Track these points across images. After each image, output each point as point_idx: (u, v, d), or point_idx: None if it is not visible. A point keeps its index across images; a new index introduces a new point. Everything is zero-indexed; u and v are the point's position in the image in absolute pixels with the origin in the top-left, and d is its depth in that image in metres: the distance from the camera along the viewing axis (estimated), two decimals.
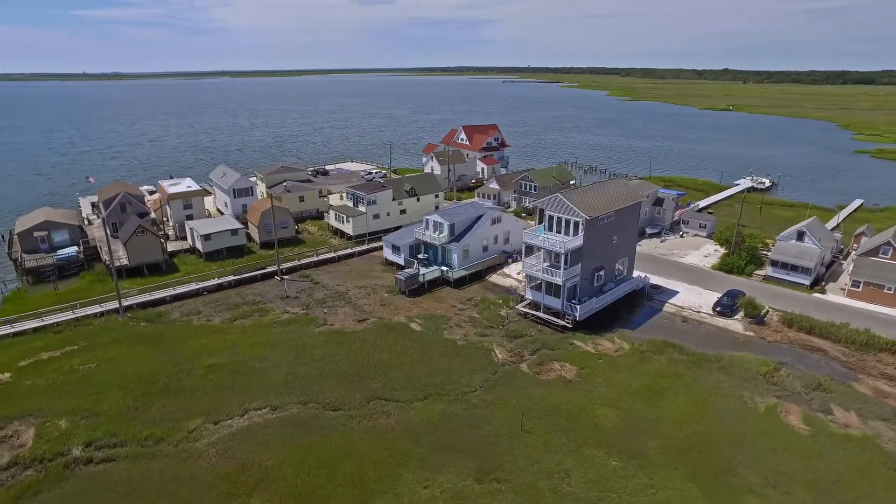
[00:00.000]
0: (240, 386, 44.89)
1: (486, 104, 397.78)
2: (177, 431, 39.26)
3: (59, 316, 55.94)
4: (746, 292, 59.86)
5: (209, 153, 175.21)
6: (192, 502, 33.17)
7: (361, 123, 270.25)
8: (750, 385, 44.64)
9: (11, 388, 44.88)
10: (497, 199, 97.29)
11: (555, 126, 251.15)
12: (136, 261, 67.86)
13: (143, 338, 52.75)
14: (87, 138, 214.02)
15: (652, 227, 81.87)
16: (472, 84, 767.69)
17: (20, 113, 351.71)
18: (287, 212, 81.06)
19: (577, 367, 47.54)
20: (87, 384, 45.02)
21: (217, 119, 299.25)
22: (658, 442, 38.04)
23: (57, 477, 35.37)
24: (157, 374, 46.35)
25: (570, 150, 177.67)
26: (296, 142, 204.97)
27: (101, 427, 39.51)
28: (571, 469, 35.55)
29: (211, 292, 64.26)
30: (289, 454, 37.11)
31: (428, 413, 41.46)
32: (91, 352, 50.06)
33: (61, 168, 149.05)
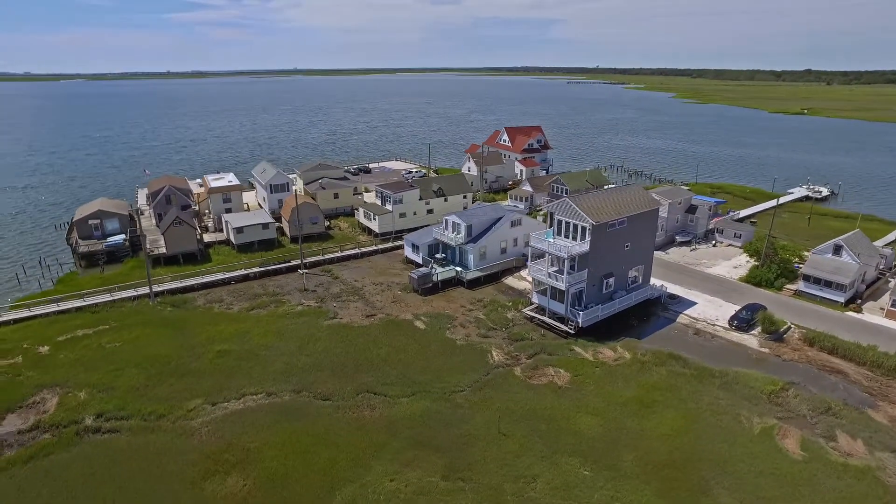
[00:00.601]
0: (243, 371, 47.52)
1: (545, 105, 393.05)
2: (177, 409, 42.20)
3: (98, 298, 61.01)
4: (769, 307, 56.94)
5: (265, 149, 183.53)
6: (177, 475, 35.70)
7: (416, 123, 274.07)
8: (750, 404, 42.64)
9: (47, 359, 49.58)
10: (530, 201, 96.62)
11: (610, 129, 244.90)
12: (173, 250, 72.70)
13: (166, 321, 56.69)
14: (159, 134, 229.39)
15: (683, 234, 78.88)
16: (535, 85, 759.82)
17: (107, 110, 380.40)
18: (317, 208, 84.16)
19: (571, 373, 47.00)
20: (110, 361, 49.04)
21: (279, 116, 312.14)
22: (636, 455, 37.18)
23: (68, 442, 39.00)
24: (171, 356, 49.81)
25: (620, 153, 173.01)
26: (348, 140, 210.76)
27: (113, 400, 43.08)
28: (539, 475, 35.44)
29: (237, 282, 67.97)
30: (272, 438, 39.09)
31: (411, 409, 42.39)
32: (119, 332, 54.41)
33: (132, 161, 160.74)
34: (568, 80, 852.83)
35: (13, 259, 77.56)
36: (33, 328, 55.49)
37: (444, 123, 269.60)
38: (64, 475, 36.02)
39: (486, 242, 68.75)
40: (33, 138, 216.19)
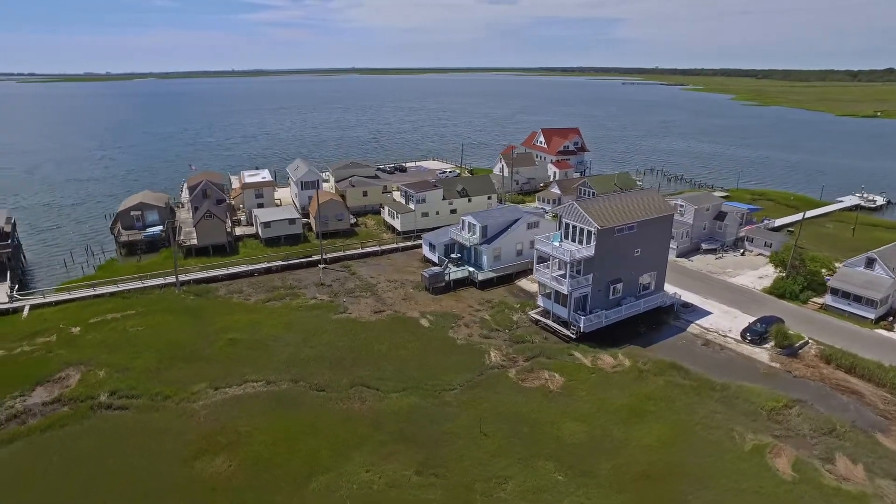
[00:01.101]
0: (249, 360, 49.83)
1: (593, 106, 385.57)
2: (182, 392, 44.84)
3: (130, 284, 65.29)
4: (791, 321, 54.50)
5: (310, 147, 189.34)
6: (172, 452, 38.06)
7: (461, 123, 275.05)
8: (748, 420, 41.12)
9: (77, 339, 53.67)
10: (557, 203, 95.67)
11: (659, 131, 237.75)
12: (204, 241, 76.69)
13: (187, 309, 60.04)
14: (214, 131, 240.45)
15: (710, 242, 76.18)
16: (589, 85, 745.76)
17: (171, 108, 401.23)
18: (343, 205, 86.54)
19: (565, 378, 46.68)
20: (131, 344, 52.56)
21: (329, 114, 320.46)
22: (615, 463, 36.70)
23: (82, 415, 42.23)
24: (186, 342, 52.83)
25: (663, 156, 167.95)
26: (392, 138, 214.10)
27: (127, 380, 46.23)
28: (513, 476, 35.63)
29: (259, 274, 70.97)
30: (264, 423, 40.99)
31: (399, 404, 43.35)
32: (143, 317, 58.12)
33: (184, 156, 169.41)
34: (623, 81, 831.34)
35: (65, 246, 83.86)
36: (71, 310, 60.03)
37: (489, 124, 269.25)
38: (75, 445, 39.10)
39: (501, 244, 68.86)
40: (103, 134, 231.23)
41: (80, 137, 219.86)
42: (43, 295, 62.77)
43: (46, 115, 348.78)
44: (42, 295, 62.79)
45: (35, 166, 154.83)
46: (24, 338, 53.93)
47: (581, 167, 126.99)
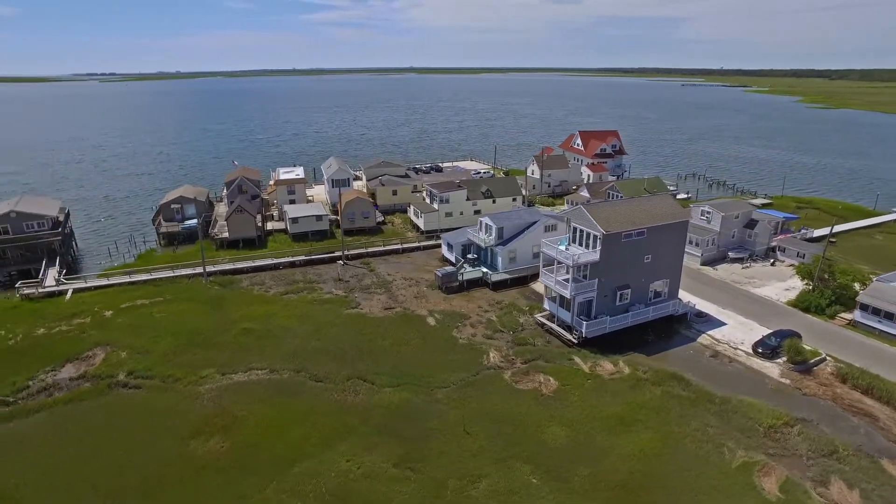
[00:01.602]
0: (258, 349, 52.25)
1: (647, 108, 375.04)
2: (191, 375, 47.61)
3: (161, 273, 69.50)
4: (813, 336, 52.06)
5: (354, 145, 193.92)
6: (172, 431, 40.63)
7: (509, 123, 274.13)
8: (742, 436, 39.70)
9: (108, 322, 57.82)
10: None
11: (712, 135, 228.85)
12: (235, 235, 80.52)
13: (209, 299, 63.39)
14: (266, 128, 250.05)
15: (738, 250, 73.20)
16: (647, 87, 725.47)
17: (231, 105, 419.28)
18: (369, 203, 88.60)
19: (560, 382, 46.41)
20: (154, 328, 56.13)
21: (378, 114, 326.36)
22: (593, 471, 36.38)
23: (100, 392, 45.69)
24: (203, 329, 55.89)
25: (710, 161, 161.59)
26: (435, 138, 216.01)
27: (144, 362, 49.55)
28: (487, 476, 35.98)
29: (283, 268, 73.85)
30: (260, 409, 43.04)
31: (391, 399, 44.44)
32: (169, 304, 61.85)
33: (235, 153, 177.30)
34: (682, 83, 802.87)
35: (113, 236, 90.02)
36: (107, 295, 64.61)
37: (538, 125, 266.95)
38: (89, 418, 42.41)
39: (517, 246, 68.80)
40: (164, 131, 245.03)
41: (143, 133, 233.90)
42: (85, 280, 67.81)
43: (119, 112, 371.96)
44: (84, 280, 67.83)
45: (101, 160, 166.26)
46: (64, 318, 58.59)
47: (618, 170, 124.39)
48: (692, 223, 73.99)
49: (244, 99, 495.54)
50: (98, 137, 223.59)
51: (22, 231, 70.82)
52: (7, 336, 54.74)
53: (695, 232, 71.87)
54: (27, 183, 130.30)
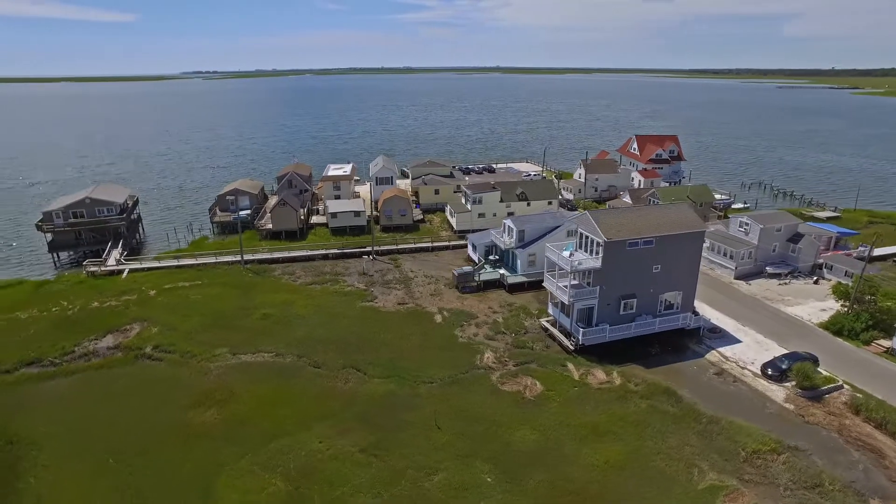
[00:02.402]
0: (271, 333, 56.12)
1: (730, 112, 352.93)
2: (206, 353, 52.12)
3: (205, 259, 75.81)
4: (834, 361, 48.47)
5: (419, 143, 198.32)
6: (176, 401, 44.87)
7: (579, 125, 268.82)
8: (719, 458, 38.01)
9: (150, 301, 64.14)
10: None
11: (797, 141, 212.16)
12: (277, 227, 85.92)
13: (240, 285, 68.46)
14: (339, 125, 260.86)
15: (778, 266, 68.49)
16: (738, 89, 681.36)
17: (314, 102, 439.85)
18: (406, 201, 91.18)
19: (545, 388, 46.32)
20: (186, 308, 61.68)
21: (452, 113, 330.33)
22: (549, 476, 36.41)
23: (127, 361, 51.20)
24: (228, 312, 60.70)
25: (786, 170, 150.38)
26: (501, 139, 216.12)
27: (170, 338, 54.80)
28: (445, 470, 37.05)
29: (318, 260, 78.04)
30: (256, 388, 46.52)
31: (377, 389, 46.45)
32: (204, 287, 67.50)
33: (303, 148, 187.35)
34: (779, 85, 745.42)
35: (175, 223, 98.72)
36: (156, 276, 71.51)
37: (608, 128, 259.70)
38: (113, 384, 47.76)
39: (537, 249, 68.52)
40: (246, 126, 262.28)
41: (227, 128, 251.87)
42: (140, 262, 75.38)
43: (212, 108, 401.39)
44: (140, 262, 75.43)
45: (184, 153, 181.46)
46: (115, 294, 65.67)
47: (675, 177, 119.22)
48: (727, 235, 70.48)
49: (329, 96, 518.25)
50: (188, 132, 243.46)
51: (94, 215, 79.79)
52: (67, 307, 62.30)
53: (729, 244, 68.32)
54: (118, 173, 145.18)
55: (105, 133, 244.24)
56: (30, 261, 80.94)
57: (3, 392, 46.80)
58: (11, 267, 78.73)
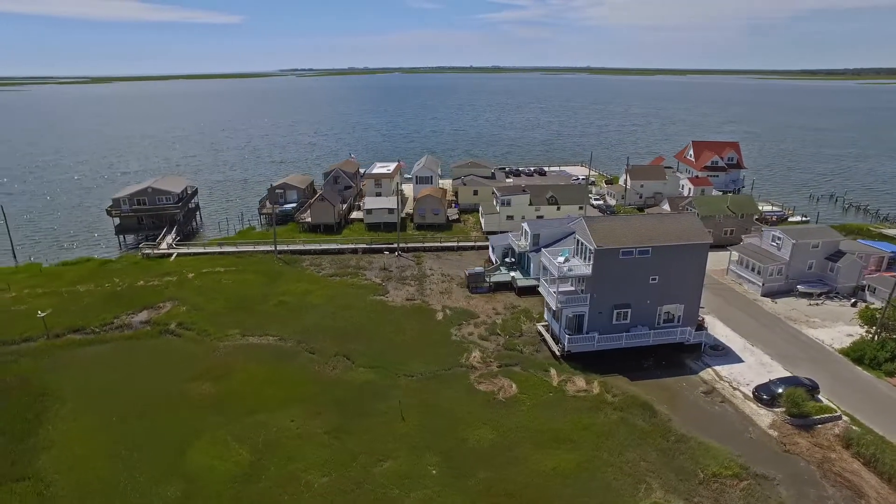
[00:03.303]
0: (281, 319, 60.25)
1: (830, 117, 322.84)
2: (220, 333, 57.03)
3: (244, 247, 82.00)
4: (846, 391, 45.19)
5: (480, 144, 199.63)
6: (180, 374, 49.58)
7: (654, 129, 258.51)
8: (674, 477, 36.87)
9: (186, 282, 70.63)
10: None
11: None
12: (316, 220, 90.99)
13: (269, 273, 73.53)
14: (410, 123, 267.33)
15: (811, 285, 63.54)
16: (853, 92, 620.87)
17: (397, 100, 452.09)
18: (439, 201, 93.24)
19: (520, 390, 46.69)
20: (214, 291, 67.43)
21: (526, 114, 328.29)
22: (491, 475, 37.08)
23: (152, 335, 57.16)
24: (250, 297, 65.69)
25: (874, 183, 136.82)
26: (566, 141, 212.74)
27: (193, 317, 60.39)
28: (395, 458, 38.76)
29: (347, 253, 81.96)
30: (252, 367, 50.50)
31: (358, 378, 48.94)
32: (237, 273, 73.24)
33: (369, 145, 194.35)
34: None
35: (230, 213, 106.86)
36: (198, 261, 78.40)
37: (683, 132, 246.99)
38: (136, 353, 53.64)
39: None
40: (322, 122, 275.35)
41: (305, 124, 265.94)
42: (188, 247, 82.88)
43: (298, 105, 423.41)
44: (188, 247, 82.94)
45: (259, 148, 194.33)
46: (160, 275, 72.93)
47: (733, 185, 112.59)
48: (758, 248, 66.58)
49: (411, 95, 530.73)
50: (269, 127, 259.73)
51: (154, 203, 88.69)
52: (117, 283, 70.13)
53: (758, 258, 64.43)
54: (196, 164, 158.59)
55: (197, 127, 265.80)
56: (101, 242, 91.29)
57: (49, 353, 53.98)
58: (86, 247, 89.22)
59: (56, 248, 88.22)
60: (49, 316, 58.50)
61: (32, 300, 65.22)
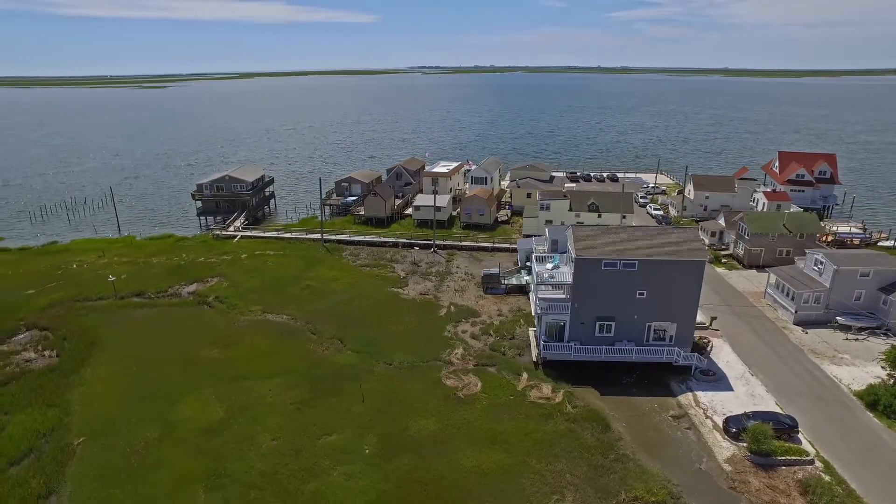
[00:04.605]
0: (301, 300, 66.13)
1: None
2: (246, 307, 64.14)
3: (297, 234, 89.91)
4: (844, 439, 41.14)
5: (569, 147, 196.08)
6: (199, 340, 56.93)
7: (771, 138, 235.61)
8: (593, 495, 36.28)
9: (237, 262, 79.38)
10: (719, 237, 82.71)
11: None
12: (368, 213, 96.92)
13: (308, 258, 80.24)
14: (509, 123, 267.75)
15: (855, 317, 56.45)
16: None
17: (510, 99, 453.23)
18: (484, 202, 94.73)
19: (483, 390, 47.79)
20: (257, 271, 75.29)
21: (631, 118, 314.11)
22: (414, 463, 39.07)
23: (191, 304, 65.78)
24: (283, 279, 72.54)
25: None
26: (662, 148, 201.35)
27: (229, 292, 68.28)
28: (341, 433, 42.21)
29: (388, 247, 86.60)
30: (258, 340, 56.61)
31: (342, 359, 52.99)
32: (281, 257, 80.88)
33: (458, 144, 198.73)
34: None
35: (302, 203, 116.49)
36: (256, 244, 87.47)
37: (804, 141, 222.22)
38: (174, 318, 62.19)
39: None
40: (424, 121, 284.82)
41: (408, 121, 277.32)
42: (251, 230, 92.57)
43: (411, 101, 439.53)
44: (250, 230, 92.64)
45: (356, 143, 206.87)
46: (220, 254, 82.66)
47: (822, 202, 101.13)
48: (797, 273, 60.82)
49: (523, 94, 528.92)
50: (372, 123, 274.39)
51: (230, 190, 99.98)
52: (183, 258, 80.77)
53: (793, 283, 58.78)
54: (293, 156, 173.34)
55: (311, 122, 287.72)
56: (186, 222, 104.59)
57: (112, 310, 64.33)
58: (174, 225, 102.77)
59: (151, 224, 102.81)
60: (119, 281, 69.67)
61: (116, 266, 77.52)
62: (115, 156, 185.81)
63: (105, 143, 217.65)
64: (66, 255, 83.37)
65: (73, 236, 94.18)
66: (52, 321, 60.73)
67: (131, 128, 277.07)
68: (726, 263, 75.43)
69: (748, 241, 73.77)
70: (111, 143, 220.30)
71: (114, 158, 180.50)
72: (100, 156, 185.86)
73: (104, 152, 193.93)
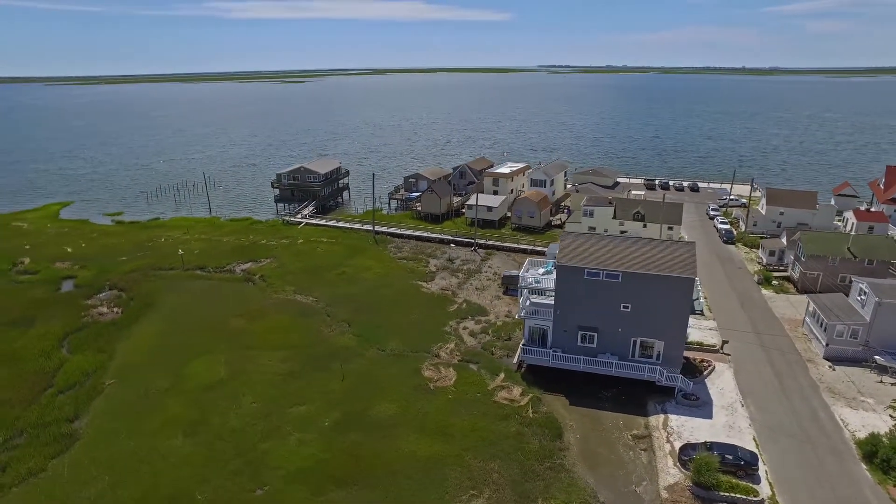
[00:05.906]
0: (331, 284, 71.90)
1: None
2: (280, 287, 71.22)
3: (354, 224, 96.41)
4: (808, 477, 37.75)
5: (668, 154, 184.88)
6: (235, 310, 64.59)
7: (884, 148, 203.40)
8: (510, 495, 36.90)
9: (292, 246, 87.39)
10: (778, 256, 75.49)
11: None
12: (425, 210, 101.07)
13: (354, 248, 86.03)
14: (612, 126, 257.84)
15: (892, 357, 49.50)
16: None
17: (625, 103, 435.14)
18: (533, 204, 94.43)
19: (454, 385, 49.49)
20: (305, 255, 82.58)
21: (750, 123, 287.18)
22: (360, 440, 42.32)
23: (238, 280, 74.36)
24: (324, 265, 78.92)
25: None
26: (769, 157, 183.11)
27: (273, 272, 76.00)
28: (308, 405, 46.56)
29: (433, 242, 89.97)
30: (279, 316, 63.00)
31: (341, 341, 57.54)
32: (331, 245, 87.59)
33: (550, 145, 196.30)
34: None
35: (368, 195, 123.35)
36: (315, 231, 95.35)
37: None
38: (219, 290, 70.92)
39: None
40: (528, 121, 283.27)
41: (512, 122, 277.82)
42: (315, 219, 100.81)
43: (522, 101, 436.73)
44: (315, 219, 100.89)
45: (449, 142, 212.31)
46: (283, 238, 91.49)
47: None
48: (836, 302, 54.82)
49: (646, 97, 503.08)
50: (476, 122, 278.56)
51: (304, 181, 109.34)
52: (245, 240, 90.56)
53: (828, 314, 52.94)
54: (386, 151, 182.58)
55: (414, 119, 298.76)
56: (266, 207, 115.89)
57: (175, 279, 74.70)
58: (255, 210, 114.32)
59: (237, 208, 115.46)
60: (191, 255, 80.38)
61: (194, 242, 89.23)
62: (232, 145, 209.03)
63: (240, 136, 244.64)
64: (160, 230, 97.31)
65: (173, 215, 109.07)
66: (128, 284, 72.29)
67: (257, 118, 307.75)
68: (777, 286, 68.86)
69: (803, 264, 66.81)
70: (245, 136, 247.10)
71: (232, 147, 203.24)
72: (228, 141, 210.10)
73: (226, 141, 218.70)
